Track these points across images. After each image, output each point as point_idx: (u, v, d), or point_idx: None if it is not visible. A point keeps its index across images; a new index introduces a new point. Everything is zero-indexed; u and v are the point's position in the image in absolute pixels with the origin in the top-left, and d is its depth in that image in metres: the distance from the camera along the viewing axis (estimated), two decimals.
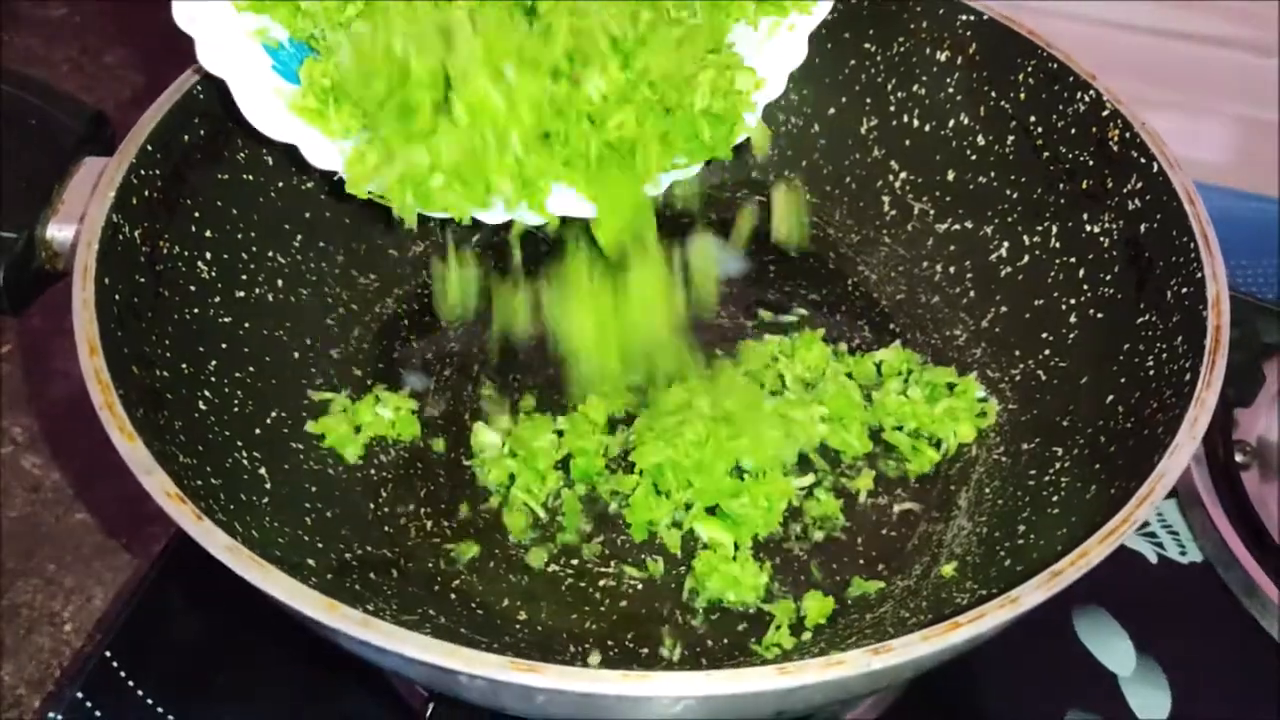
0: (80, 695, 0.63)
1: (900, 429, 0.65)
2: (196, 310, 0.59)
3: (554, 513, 0.62)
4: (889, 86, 0.71)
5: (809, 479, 0.63)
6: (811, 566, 0.60)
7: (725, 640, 0.57)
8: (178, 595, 0.67)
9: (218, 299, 0.61)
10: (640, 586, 0.59)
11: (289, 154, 0.65)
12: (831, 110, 0.73)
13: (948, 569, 0.59)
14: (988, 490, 0.62)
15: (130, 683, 0.64)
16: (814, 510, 0.62)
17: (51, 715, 0.62)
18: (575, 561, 0.60)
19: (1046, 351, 0.64)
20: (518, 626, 0.57)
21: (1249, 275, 0.86)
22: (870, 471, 0.64)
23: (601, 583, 0.59)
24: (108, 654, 0.65)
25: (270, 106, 0.56)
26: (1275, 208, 0.89)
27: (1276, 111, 0.89)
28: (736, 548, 0.59)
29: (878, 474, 0.64)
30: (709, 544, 0.60)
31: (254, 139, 0.63)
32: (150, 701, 0.63)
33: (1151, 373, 0.56)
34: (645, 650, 0.56)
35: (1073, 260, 0.64)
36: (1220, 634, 0.68)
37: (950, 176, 0.70)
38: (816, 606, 0.57)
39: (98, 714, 0.62)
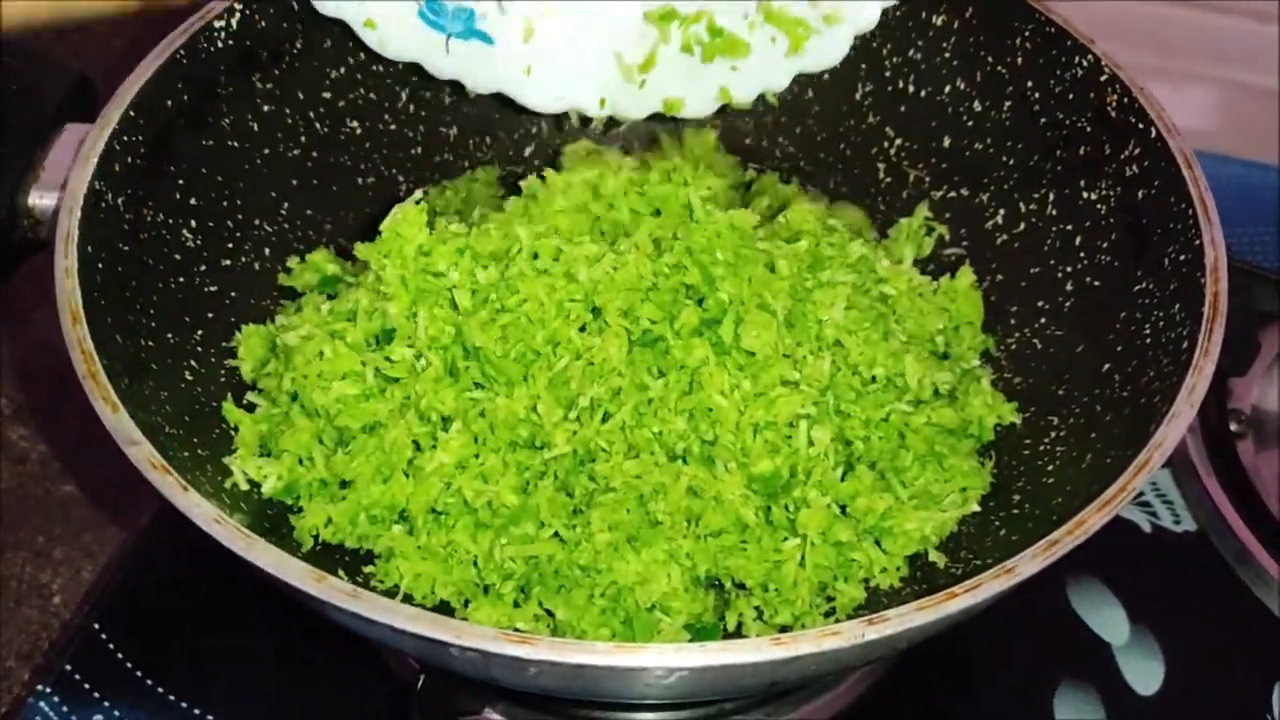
0: (69, 668, 0.63)
1: None
2: (182, 279, 0.59)
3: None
4: (884, 51, 0.70)
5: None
6: None
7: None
8: (166, 567, 0.67)
9: (203, 268, 0.60)
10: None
11: (274, 121, 0.64)
12: (825, 75, 0.71)
13: None
14: (982, 459, 0.61)
15: (119, 655, 0.63)
16: None
17: (40, 687, 0.62)
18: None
19: (1042, 320, 0.64)
20: None
21: (1245, 243, 0.86)
22: None
23: None
24: (96, 626, 0.64)
25: None
26: (1272, 175, 0.89)
27: (1277, 79, 0.88)
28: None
29: None
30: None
31: (239, 105, 0.63)
32: (139, 674, 0.63)
33: (1149, 341, 0.56)
34: None
35: (1070, 228, 0.63)
36: (1214, 603, 0.68)
37: (946, 143, 0.69)
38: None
39: (86, 686, 0.62)
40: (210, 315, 0.60)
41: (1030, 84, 0.65)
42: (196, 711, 0.61)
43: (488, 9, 0.62)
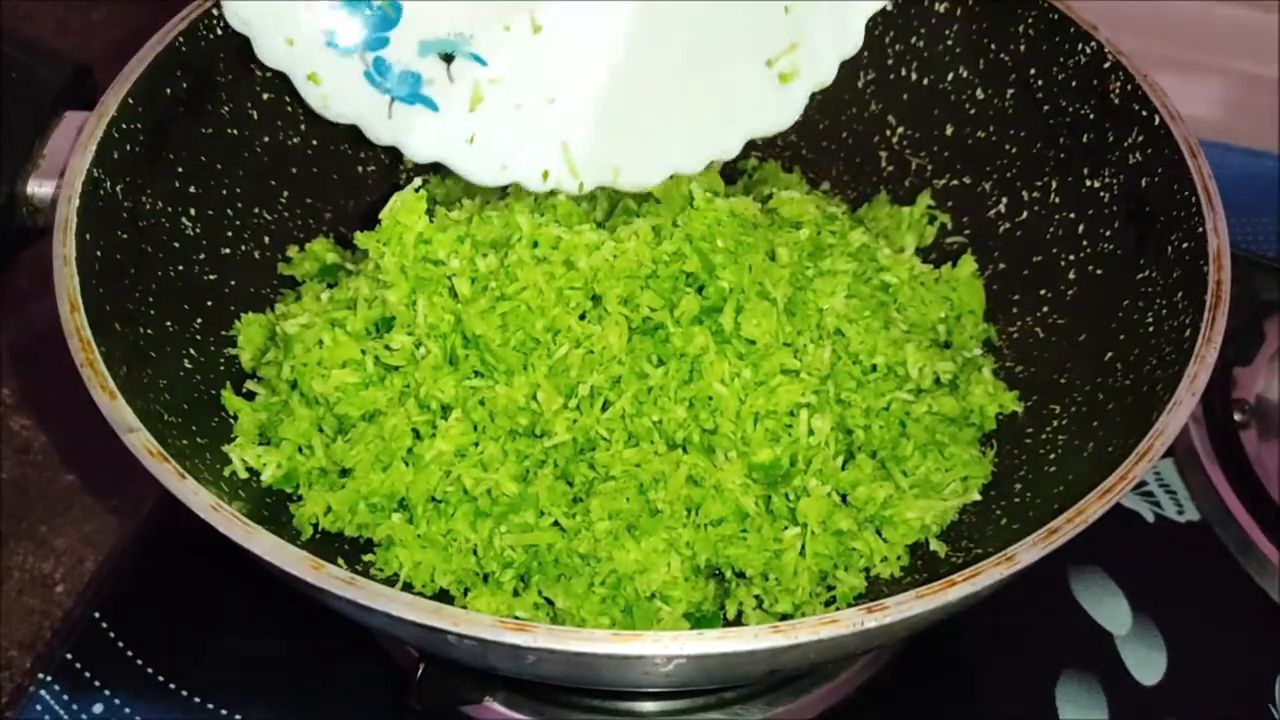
0: (70, 656, 0.63)
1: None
2: (180, 267, 0.58)
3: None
4: (886, 39, 0.70)
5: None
6: None
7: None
8: (167, 556, 0.67)
9: (202, 256, 0.60)
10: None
11: (274, 108, 0.64)
12: None
13: None
14: (983, 448, 0.61)
15: (120, 644, 0.63)
16: None
17: (41, 676, 0.62)
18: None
19: (1045, 309, 0.63)
20: None
21: (1249, 232, 0.85)
22: None
23: None
24: (97, 615, 0.64)
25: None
26: (1275, 164, 0.89)
27: (1277, 68, 0.88)
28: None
29: None
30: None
31: (238, 92, 0.62)
32: (140, 662, 0.63)
33: (1151, 329, 0.55)
34: None
35: (1072, 216, 0.63)
36: (1217, 593, 0.67)
37: (949, 131, 0.69)
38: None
39: (87, 675, 0.62)
40: (209, 303, 0.59)
41: (1033, 71, 0.65)
42: (197, 700, 0.62)
43: (435, 74, 0.60)
